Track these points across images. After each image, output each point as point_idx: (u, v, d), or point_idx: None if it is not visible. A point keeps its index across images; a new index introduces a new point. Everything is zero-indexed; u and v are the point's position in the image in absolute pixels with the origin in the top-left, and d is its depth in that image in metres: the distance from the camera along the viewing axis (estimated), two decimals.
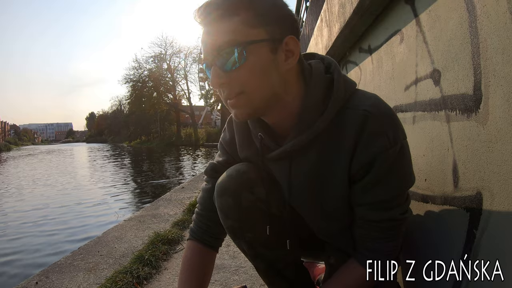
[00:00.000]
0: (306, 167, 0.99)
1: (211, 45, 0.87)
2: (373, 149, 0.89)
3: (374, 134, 0.88)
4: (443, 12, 1.09)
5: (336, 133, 0.92)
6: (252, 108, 0.90)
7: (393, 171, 0.91)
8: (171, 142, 41.58)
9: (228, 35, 0.84)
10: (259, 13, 0.86)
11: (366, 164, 0.91)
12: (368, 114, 0.88)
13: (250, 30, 0.85)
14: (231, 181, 1.09)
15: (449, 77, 1.06)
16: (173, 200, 4.54)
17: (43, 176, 12.37)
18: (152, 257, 2.27)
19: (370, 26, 1.97)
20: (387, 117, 0.90)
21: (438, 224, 1.11)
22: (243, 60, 0.84)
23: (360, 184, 0.94)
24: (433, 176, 1.17)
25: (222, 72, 0.87)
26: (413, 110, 1.33)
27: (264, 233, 1.09)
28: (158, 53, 42.82)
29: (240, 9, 0.85)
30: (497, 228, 0.83)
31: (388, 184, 0.92)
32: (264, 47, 0.86)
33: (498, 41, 0.81)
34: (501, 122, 0.81)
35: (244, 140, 1.12)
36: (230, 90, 0.88)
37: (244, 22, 0.85)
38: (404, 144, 0.93)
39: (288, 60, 0.89)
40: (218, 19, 0.86)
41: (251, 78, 0.86)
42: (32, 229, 5.31)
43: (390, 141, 0.88)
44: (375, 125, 0.88)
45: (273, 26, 0.87)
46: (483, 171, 0.89)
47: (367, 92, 0.97)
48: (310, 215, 1.10)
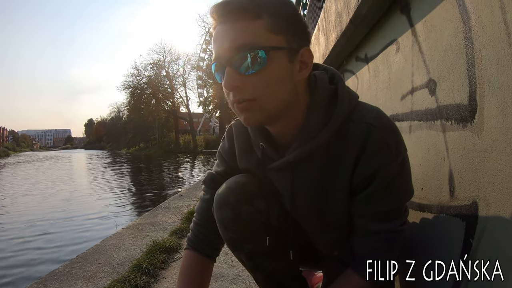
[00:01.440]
0: (309, 178, 0.98)
1: (229, 44, 0.83)
2: (376, 162, 0.89)
3: (377, 147, 0.88)
4: (438, 22, 1.10)
5: (339, 144, 0.92)
6: (263, 115, 0.87)
7: (394, 184, 0.91)
8: (170, 149, 41.47)
9: (250, 37, 0.81)
10: (281, 20, 0.84)
11: (368, 176, 0.90)
12: (372, 127, 0.88)
13: (272, 36, 0.83)
14: (230, 193, 1.08)
15: (444, 87, 1.07)
16: (171, 208, 4.52)
17: (41, 184, 12.31)
18: (150, 266, 2.25)
19: (367, 35, 1.99)
20: (390, 130, 0.90)
21: (435, 233, 1.12)
22: (263, 64, 0.82)
23: (361, 195, 0.94)
24: (429, 185, 1.17)
25: (237, 75, 0.83)
26: (410, 119, 1.34)
27: (263, 245, 1.09)
28: (156, 60, 42.89)
29: (264, 13, 0.82)
30: (493, 237, 0.84)
31: (389, 197, 0.92)
32: (284, 55, 0.84)
33: (493, 52, 0.82)
34: (496, 132, 0.82)
35: (244, 149, 1.12)
36: (243, 94, 0.85)
37: (267, 26, 0.82)
38: (405, 157, 0.93)
39: (302, 71, 0.89)
40: (240, 18, 0.82)
41: (267, 85, 0.84)
42: (30, 236, 5.27)
43: (393, 154, 0.89)
44: (378, 138, 0.88)
45: (293, 35, 0.86)
46: (478, 181, 0.90)
47: (369, 105, 0.97)
48: (311, 225, 1.10)
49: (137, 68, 43.59)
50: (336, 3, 2.25)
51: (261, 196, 1.08)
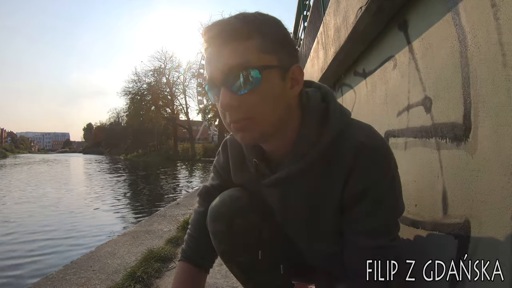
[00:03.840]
0: (300, 194, 1.00)
1: (222, 65, 0.84)
2: (367, 180, 0.90)
3: (366, 165, 0.89)
4: (435, 41, 1.12)
5: (330, 162, 0.93)
6: (259, 133, 0.88)
7: (384, 201, 0.92)
8: (168, 156, 41.35)
9: (242, 57, 0.83)
10: (271, 40, 0.86)
11: (358, 193, 0.91)
12: (363, 145, 0.89)
13: (263, 56, 0.84)
14: (224, 206, 1.10)
15: (440, 105, 1.08)
16: (167, 216, 4.51)
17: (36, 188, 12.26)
18: (145, 274, 2.24)
19: (365, 50, 2.00)
20: (381, 149, 0.91)
21: (428, 250, 1.12)
22: (257, 83, 0.83)
23: (351, 212, 0.95)
24: (423, 202, 1.18)
25: (232, 94, 0.85)
26: (405, 136, 1.36)
27: (256, 258, 1.10)
28: (157, 67, 42.97)
29: (254, 34, 0.84)
30: (485, 256, 0.84)
31: (379, 214, 0.93)
32: (276, 73, 0.86)
33: (488, 72, 0.83)
34: (489, 153, 0.83)
35: (238, 164, 1.13)
36: (239, 114, 0.86)
37: (258, 46, 0.84)
38: (396, 175, 0.94)
39: (294, 87, 0.90)
40: (231, 39, 0.84)
41: (262, 103, 0.85)
42: (25, 242, 5.23)
43: (383, 172, 0.90)
44: (369, 156, 0.89)
45: (283, 54, 0.87)
46: (471, 200, 0.90)
47: (362, 123, 0.98)
48: (302, 240, 1.11)
49: (137, 74, 43.66)
50: (335, 18, 2.27)
51: (254, 210, 1.10)
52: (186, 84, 43.01)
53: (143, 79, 43.32)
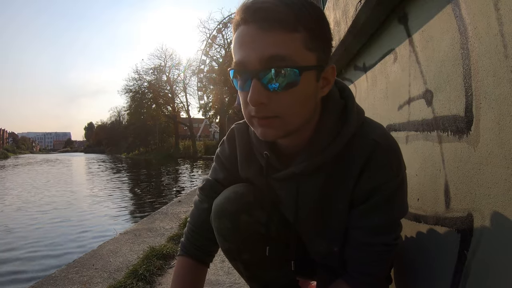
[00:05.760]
0: (313, 190, 0.99)
1: (260, 54, 0.76)
2: (377, 179, 0.91)
3: (380, 164, 0.91)
4: (435, 33, 1.10)
5: (345, 159, 0.93)
6: (284, 131, 0.84)
7: (391, 200, 0.93)
8: (170, 154, 41.36)
9: (285, 50, 0.76)
10: (316, 36, 0.80)
11: (368, 191, 0.93)
12: (376, 144, 0.90)
13: (306, 53, 0.79)
14: (229, 203, 1.07)
15: (441, 97, 1.06)
16: (169, 214, 4.52)
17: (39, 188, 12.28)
18: (147, 272, 2.25)
19: (365, 44, 1.99)
20: (393, 149, 0.93)
21: (430, 244, 1.11)
22: (296, 84, 0.78)
23: (359, 208, 0.96)
24: (425, 196, 1.17)
25: (264, 91, 0.78)
26: (406, 129, 1.34)
27: (261, 255, 1.08)
28: (157, 65, 42.95)
29: (301, 26, 0.77)
30: (488, 250, 0.83)
31: (385, 212, 0.94)
32: (313, 73, 0.81)
33: (490, 63, 0.82)
34: (492, 145, 0.82)
35: (246, 157, 1.09)
36: (266, 112, 0.80)
37: (303, 42, 0.78)
38: (404, 175, 0.96)
39: (324, 88, 0.87)
40: (276, 27, 0.76)
41: (294, 104, 0.80)
42: (27, 240, 5.24)
43: (394, 172, 0.92)
44: (382, 155, 0.90)
45: (323, 52, 0.83)
46: (474, 193, 0.89)
47: (374, 121, 0.99)
48: (308, 235, 1.10)
49: (138, 72, 43.68)
50: (334, 12, 2.26)
51: (260, 206, 1.08)
52: (186, 82, 43.02)
53: (143, 77, 43.37)
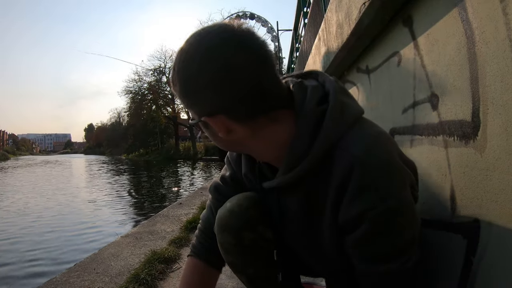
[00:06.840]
0: (295, 207, 0.92)
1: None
2: (360, 205, 0.76)
3: (360, 188, 0.75)
4: (441, 37, 1.10)
5: (323, 176, 0.82)
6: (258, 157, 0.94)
7: (387, 229, 0.77)
8: (170, 155, 41.33)
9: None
10: (188, 88, 0.83)
11: (353, 219, 0.78)
12: (356, 161, 0.75)
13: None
14: (232, 217, 1.03)
15: (447, 102, 1.06)
16: (170, 216, 4.49)
17: (39, 190, 12.28)
18: (148, 276, 2.23)
19: (368, 46, 1.98)
20: (379, 166, 0.75)
21: (436, 249, 1.10)
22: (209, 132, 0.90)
23: (349, 237, 0.82)
24: (431, 201, 1.16)
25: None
26: (411, 133, 1.34)
27: (265, 269, 1.07)
28: (157, 66, 42.94)
29: (177, 80, 0.83)
30: (494, 257, 0.83)
31: (379, 241, 0.79)
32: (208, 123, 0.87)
33: (497, 68, 0.81)
34: (499, 151, 0.81)
35: (248, 162, 1.06)
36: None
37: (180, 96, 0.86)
38: (402, 197, 0.77)
39: (230, 135, 0.84)
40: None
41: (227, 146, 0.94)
42: (28, 244, 5.23)
43: (381, 197, 0.74)
44: (362, 176, 0.75)
45: (197, 105, 0.86)
46: (480, 199, 0.88)
47: (368, 128, 0.83)
48: (306, 258, 1.06)
49: (138, 73, 43.67)
50: (337, 14, 2.25)
51: (263, 220, 1.04)
52: None
53: (143, 78, 43.36)
